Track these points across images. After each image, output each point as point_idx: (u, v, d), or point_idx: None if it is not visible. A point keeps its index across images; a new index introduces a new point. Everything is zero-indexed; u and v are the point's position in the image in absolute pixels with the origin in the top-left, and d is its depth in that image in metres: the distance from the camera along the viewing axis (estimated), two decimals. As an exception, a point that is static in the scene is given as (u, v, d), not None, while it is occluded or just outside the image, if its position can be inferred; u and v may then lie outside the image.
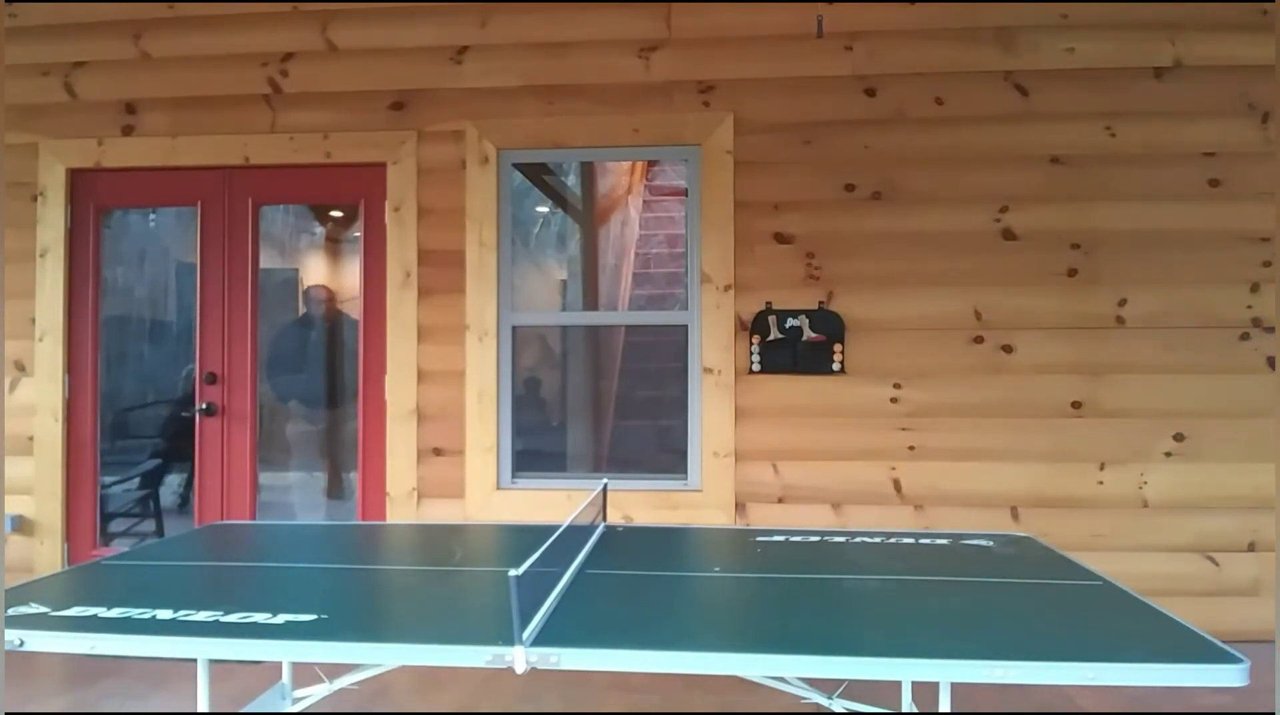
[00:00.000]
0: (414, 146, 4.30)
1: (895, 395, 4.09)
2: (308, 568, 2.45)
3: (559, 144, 4.29)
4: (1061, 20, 4.06)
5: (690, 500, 4.17)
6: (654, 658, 1.68)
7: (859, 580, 2.27)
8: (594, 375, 6.37)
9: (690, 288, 4.26)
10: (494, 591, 2.07)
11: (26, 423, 4.44)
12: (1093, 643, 1.77)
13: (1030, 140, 4.06)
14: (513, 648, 1.64)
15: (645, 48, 4.22)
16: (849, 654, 1.69)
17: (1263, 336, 3.97)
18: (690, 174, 4.26)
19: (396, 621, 2.03)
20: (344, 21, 4.34)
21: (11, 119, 4.44)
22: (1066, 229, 4.05)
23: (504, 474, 4.28)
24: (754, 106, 4.16)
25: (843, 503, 4.11)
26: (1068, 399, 4.04)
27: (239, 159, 4.40)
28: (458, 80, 4.30)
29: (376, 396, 4.37)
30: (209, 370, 4.48)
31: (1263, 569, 3.94)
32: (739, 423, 4.15)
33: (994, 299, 4.07)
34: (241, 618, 1.83)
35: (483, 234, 4.27)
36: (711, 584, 2.34)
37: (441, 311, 4.29)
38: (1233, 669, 1.57)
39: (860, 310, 4.11)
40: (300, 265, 5.22)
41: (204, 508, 4.48)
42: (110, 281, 4.68)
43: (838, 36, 4.10)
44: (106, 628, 1.82)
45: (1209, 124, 4.00)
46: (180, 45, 4.41)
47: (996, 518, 4.02)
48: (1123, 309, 4.03)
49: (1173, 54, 4.03)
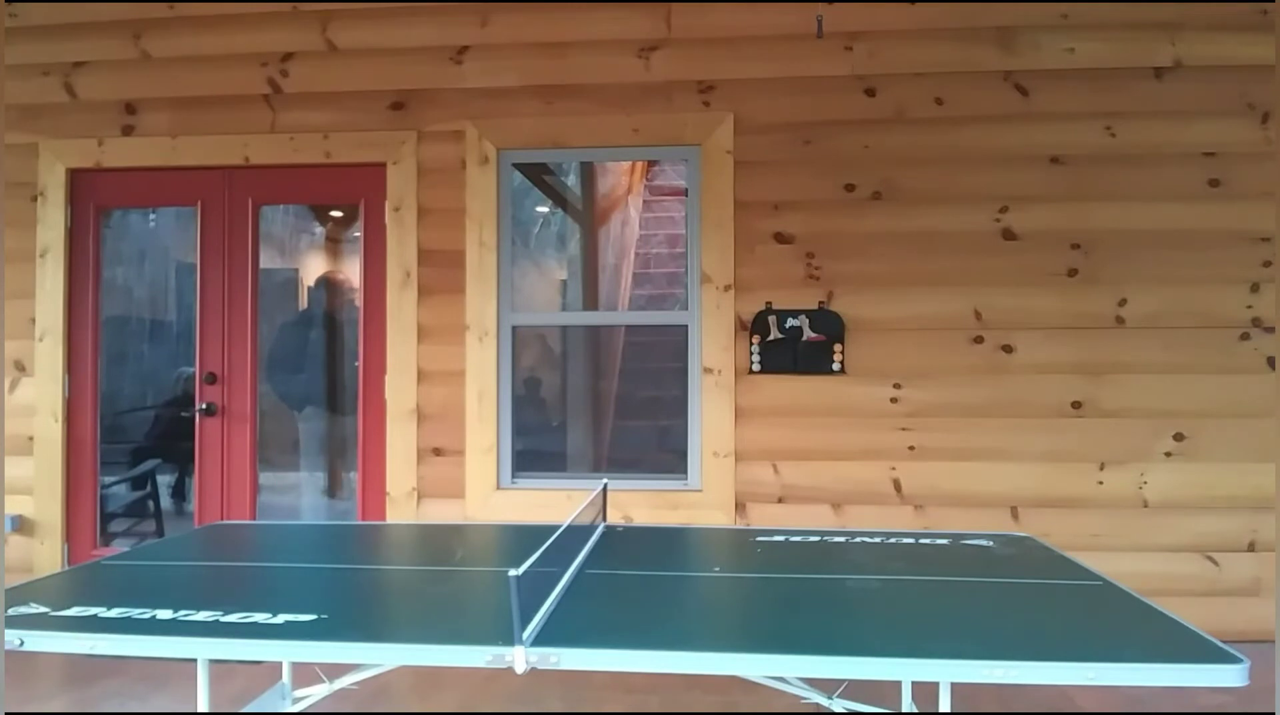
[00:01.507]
0: (414, 146, 4.30)
1: (895, 395, 4.09)
2: (308, 568, 2.46)
3: (559, 144, 4.29)
4: (1061, 20, 4.06)
5: (690, 500, 4.17)
6: (654, 658, 1.68)
7: (859, 580, 2.27)
8: (594, 375, 6.37)
9: (690, 288, 4.26)
10: (494, 591, 2.07)
11: (26, 423, 4.44)
12: (1093, 643, 1.77)
13: (1030, 140, 4.06)
14: (513, 648, 1.64)
15: (645, 48, 4.22)
16: (849, 654, 1.69)
17: (1263, 336, 3.97)
18: (690, 174, 4.26)
19: (396, 621, 2.03)
20: (344, 21, 4.34)
21: (11, 119, 4.44)
22: (1066, 229, 4.05)
23: (504, 474, 4.28)
24: (754, 106, 4.16)
25: (843, 503, 4.11)
26: (1067, 399, 4.04)
27: (239, 159, 4.40)
28: (458, 80, 4.30)
29: (376, 396, 4.37)
30: (209, 370, 4.48)
31: (1263, 569, 3.94)
32: (739, 423, 4.15)
33: (994, 299, 4.07)
34: (241, 618, 1.83)
35: (483, 234, 4.27)
36: (711, 584, 2.34)
37: (441, 311, 4.29)
38: (1233, 669, 1.57)
39: (860, 310, 4.11)
40: (300, 265, 5.23)
41: (204, 508, 4.48)
42: (110, 281, 4.68)
43: (838, 36, 4.10)
44: (106, 628, 1.82)
45: (1209, 124, 4.00)
46: (180, 45, 4.41)
47: (996, 518, 4.02)
48: (1123, 309, 4.03)
49: (1173, 54, 4.03)
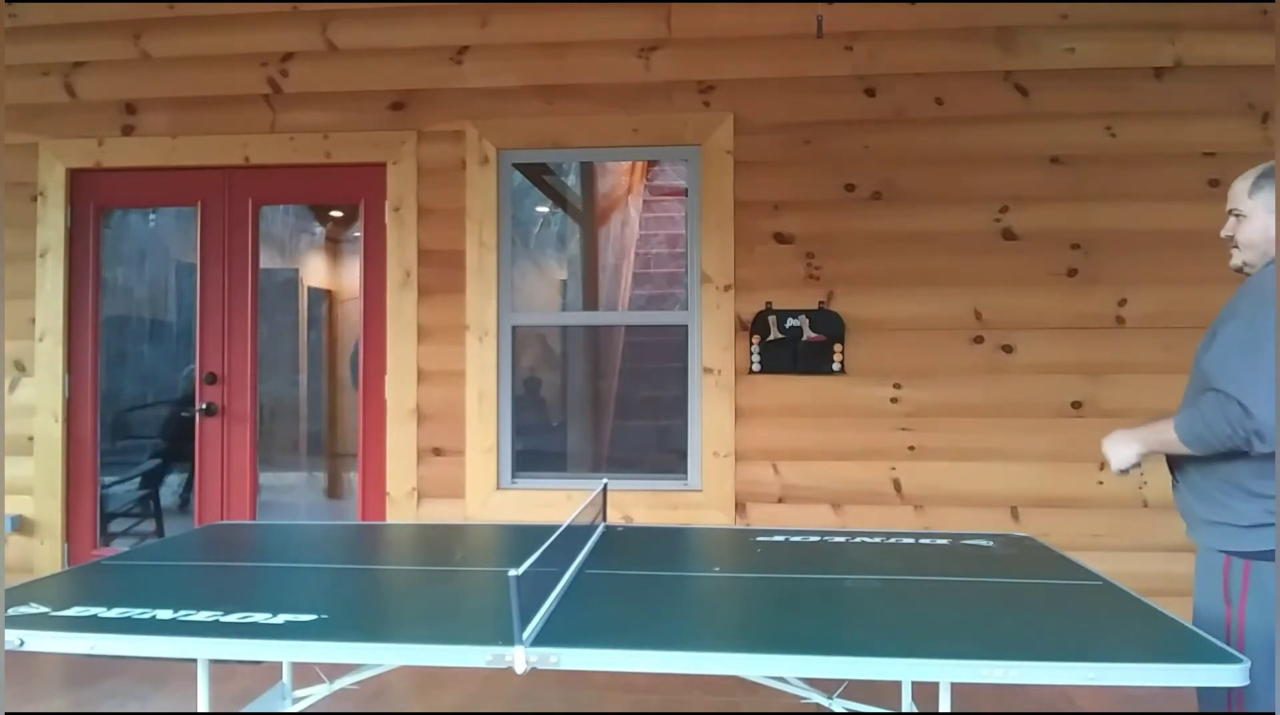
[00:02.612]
0: (414, 146, 4.30)
1: (895, 395, 4.09)
2: (308, 568, 2.46)
3: (559, 144, 4.29)
4: (1061, 20, 4.06)
5: (690, 500, 4.17)
6: (654, 658, 1.68)
7: (859, 580, 2.27)
8: (594, 375, 6.38)
9: (690, 288, 4.25)
10: (494, 591, 2.07)
11: (26, 423, 4.44)
12: (1093, 643, 1.77)
13: (1030, 140, 4.06)
14: (513, 648, 1.64)
15: (645, 48, 4.22)
16: (849, 654, 1.69)
17: (1263, 336, 3.96)
18: (690, 174, 4.26)
19: (396, 621, 2.02)
20: (344, 21, 4.34)
21: (11, 119, 4.44)
22: (1066, 229, 4.04)
23: (504, 474, 4.28)
24: (754, 106, 4.16)
25: (843, 503, 4.11)
26: (1068, 399, 4.03)
27: (239, 159, 4.40)
28: (458, 80, 4.30)
29: (376, 396, 4.37)
30: (209, 370, 4.48)
31: (1263, 569, 3.93)
32: (739, 423, 4.14)
33: (994, 299, 4.07)
34: (241, 618, 1.83)
35: (483, 234, 4.27)
36: (712, 584, 2.34)
37: (441, 311, 4.29)
38: (1233, 669, 1.57)
39: (860, 310, 4.11)
40: (300, 265, 5.23)
41: (204, 508, 4.48)
42: (110, 281, 4.68)
43: (838, 36, 4.10)
44: (106, 628, 1.82)
45: (1209, 124, 4.00)
46: (180, 45, 4.41)
47: (996, 518, 4.02)
48: (1123, 309, 4.03)
49: (1173, 54, 4.03)
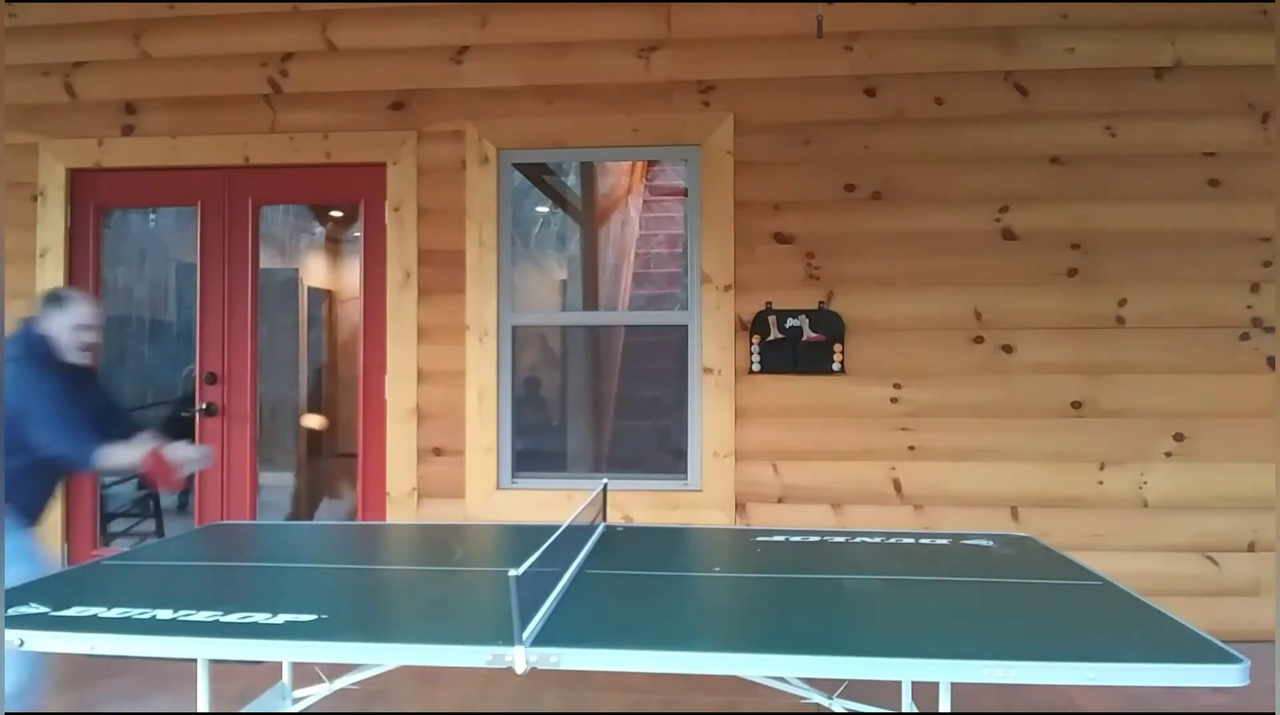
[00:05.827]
0: (414, 146, 4.30)
1: (895, 395, 4.09)
2: (308, 568, 2.46)
3: (559, 144, 4.29)
4: (1061, 20, 4.06)
5: (690, 500, 4.17)
6: (654, 658, 1.68)
7: (859, 580, 2.27)
8: (594, 375, 6.37)
9: (690, 288, 4.25)
10: (494, 591, 2.07)
11: (26, 423, 4.43)
12: (1093, 643, 1.77)
13: (1030, 140, 4.06)
14: (513, 648, 1.64)
15: (645, 48, 4.22)
16: (849, 654, 1.69)
17: (1263, 336, 3.97)
18: (690, 174, 4.26)
19: (396, 621, 2.03)
20: (344, 21, 4.33)
21: (11, 119, 4.43)
22: (1066, 229, 4.04)
23: (504, 474, 4.28)
24: (754, 106, 4.16)
25: (843, 503, 4.11)
26: (1068, 399, 4.04)
27: (239, 159, 4.39)
28: (458, 80, 4.30)
29: (376, 396, 4.37)
30: (209, 370, 4.48)
31: (1263, 569, 3.94)
32: (739, 423, 4.14)
33: (994, 299, 4.07)
34: (241, 618, 1.83)
35: (483, 234, 4.27)
36: (711, 584, 2.34)
37: (441, 311, 4.29)
38: (1233, 669, 1.57)
39: (860, 310, 4.11)
40: (300, 265, 5.23)
41: (204, 508, 4.47)
42: (110, 281, 4.68)
43: (838, 36, 4.10)
44: (106, 628, 1.82)
45: (1209, 124, 4.00)
46: (180, 45, 4.41)
47: (996, 518, 4.02)
48: (1123, 309, 4.03)
49: (1173, 54, 4.03)
